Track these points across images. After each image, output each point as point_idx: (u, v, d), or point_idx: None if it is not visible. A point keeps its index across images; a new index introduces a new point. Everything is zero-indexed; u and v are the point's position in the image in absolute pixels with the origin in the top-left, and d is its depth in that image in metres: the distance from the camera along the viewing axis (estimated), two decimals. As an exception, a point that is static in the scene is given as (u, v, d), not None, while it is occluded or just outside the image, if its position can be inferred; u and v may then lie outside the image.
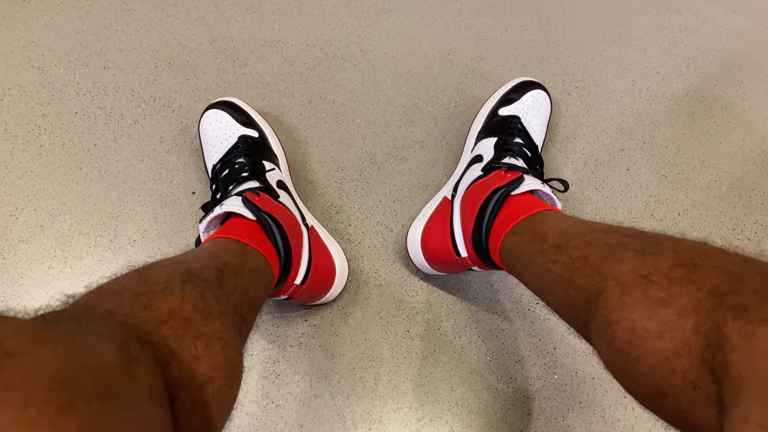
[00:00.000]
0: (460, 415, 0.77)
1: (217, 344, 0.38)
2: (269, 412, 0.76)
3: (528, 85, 0.83)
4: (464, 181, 0.74)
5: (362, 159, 0.88)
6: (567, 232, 0.50)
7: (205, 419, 0.36)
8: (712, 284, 0.34)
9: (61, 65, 0.89)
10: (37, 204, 0.82)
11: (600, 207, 0.87)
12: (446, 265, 0.73)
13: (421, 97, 0.92)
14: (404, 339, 0.79)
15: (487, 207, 0.61)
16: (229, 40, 0.93)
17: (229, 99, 0.81)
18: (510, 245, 0.57)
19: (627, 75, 0.96)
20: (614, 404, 0.78)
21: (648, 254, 0.40)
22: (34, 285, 0.78)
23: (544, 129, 0.83)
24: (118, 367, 0.27)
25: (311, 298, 0.74)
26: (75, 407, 0.23)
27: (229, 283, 0.47)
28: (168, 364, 0.34)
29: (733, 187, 0.90)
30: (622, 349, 0.37)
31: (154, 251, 0.81)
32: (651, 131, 0.92)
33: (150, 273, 0.42)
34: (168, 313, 0.37)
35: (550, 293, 0.49)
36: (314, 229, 0.77)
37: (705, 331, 0.32)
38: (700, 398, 0.32)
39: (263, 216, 0.60)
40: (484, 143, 0.77)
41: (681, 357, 0.33)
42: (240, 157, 0.74)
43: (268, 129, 0.82)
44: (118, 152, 0.85)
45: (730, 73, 0.97)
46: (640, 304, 0.37)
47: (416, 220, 0.80)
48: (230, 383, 0.39)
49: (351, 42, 0.95)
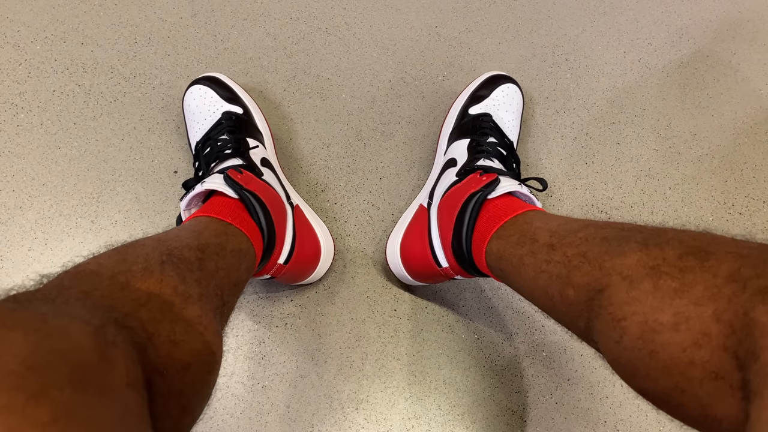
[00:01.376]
0: (447, 393, 0.76)
1: (196, 329, 0.37)
2: (255, 393, 0.75)
3: (497, 80, 0.80)
4: (439, 188, 0.72)
5: (348, 135, 0.86)
6: (558, 230, 0.49)
7: (182, 405, 0.35)
8: (729, 270, 0.32)
9: (37, 42, 0.87)
10: (16, 185, 0.80)
11: (590, 182, 0.86)
12: (427, 275, 0.71)
13: (408, 71, 0.90)
14: (391, 318, 0.79)
15: (465, 213, 0.59)
16: (211, 14, 0.91)
17: (213, 74, 0.79)
18: (496, 249, 0.55)
19: (618, 47, 0.94)
20: (602, 381, 0.77)
21: (652, 245, 0.38)
22: (14, 267, 0.77)
23: (517, 124, 0.80)
24: (93, 351, 0.26)
25: (296, 278, 0.73)
26: (48, 394, 0.22)
27: (210, 264, 0.46)
28: (146, 348, 0.33)
29: (724, 160, 0.89)
30: (633, 345, 0.35)
31: (136, 232, 0.80)
32: (642, 104, 0.91)
33: (129, 252, 0.40)
34: (147, 295, 0.36)
35: (546, 295, 0.47)
36: (299, 208, 0.75)
37: (728, 318, 0.31)
38: (721, 389, 0.31)
39: (245, 194, 0.58)
40: (456, 146, 0.75)
41: (700, 347, 0.32)
42: (223, 134, 0.72)
43: (253, 105, 0.80)
44: (98, 131, 0.83)
45: (723, 44, 0.95)
46: (651, 296, 0.35)
47: (393, 232, 0.78)
48: (208, 369, 0.38)
49: (336, 15, 0.92)
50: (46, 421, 0.21)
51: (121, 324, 0.32)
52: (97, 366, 0.26)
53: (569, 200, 0.85)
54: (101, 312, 0.32)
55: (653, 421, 0.76)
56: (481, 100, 0.79)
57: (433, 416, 0.75)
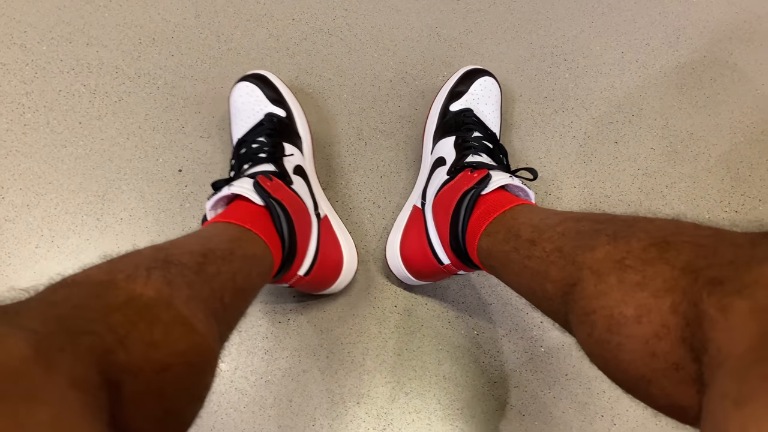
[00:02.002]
0: (447, 388, 0.78)
1: (179, 330, 0.37)
2: (258, 387, 0.76)
3: (474, 74, 0.80)
4: (431, 187, 0.73)
5: (349, 134, 0.87)
6: (539, 225, 0.49)
7: (165, 407, 0.35)
8: (685, 261, 0.33)
9: (44, 42, 0.88)
10: (23, 183, 0.82)
11: (588, 180, 0.87)
12: (430, 274, 0.72)
13: (409, 72, 0.91)
14: (392, 314, 0.80)
15: (460, 211, 0.60)
16: (214, 15, 0.92)
17: (262, 72, 0.80)
18: (485, 246, 0.56)
19: (616, 47, 0.95)
20: (600, 376, 0.78)
21: (620, 238, 0.39)
22: (22, 264, 0.78)
23: (498, 115, 0.81)
24: (26, 359, 0.27)
25: (315, 288, 0.73)
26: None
27: (211, 268, 0.46)
28: (112, 351, 0.33)
29: (721, 159, 0.90)
30: (602, 338, 0.36)
31: (140, 229, 0.81)
32: (640, 104, 0.92)
33: (120, 262, 0.41)
34: (124, 300, 0.36)
35: (529, 290, 0.48)
36: (327, 219, 0.76)
37: (683, 310, 0.31)
38: (683, 379, 0.31)
39: (271, 202, 0.58)
40: (443, 144, 0.76)
41: (661, 339, 0.32)
42: (262, 135, 0.73)
43: (297, 109, 0.80)
44: (103, 130, 0.85)
45: (719, 45, 0.96)
46: (616, 289, 0.36)
47: (391, 235, 0.79)
48: (195, 370, 0.38)
49: (337, 16, 0.94)
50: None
51: (81, 330, 0.32)
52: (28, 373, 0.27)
53: (568, 198, 0.86)
54: (56, 321, 0.32)
55: (650, 415, 0.77)
56: (461, 96, 0.79)
57: (433, 410, 0.77)
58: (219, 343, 0.43)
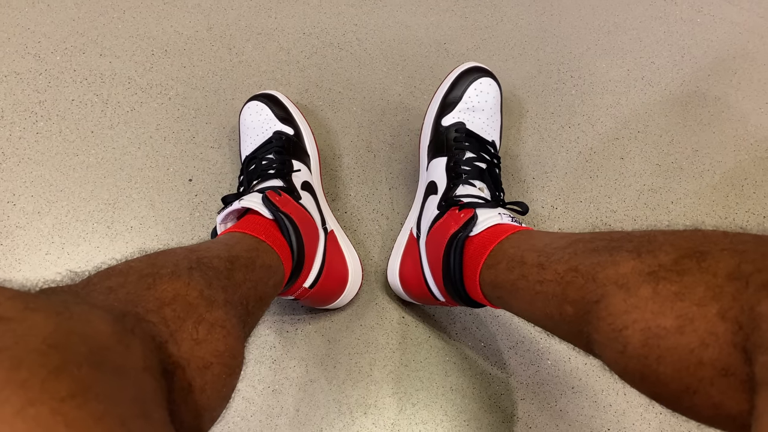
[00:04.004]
0: (454, 400, 0.78)
1: (219, 331, 0.39)
2: (266, 396, 0.76)
3: (468, 75, 0.75)
4: (424, 219, 0.72)
5: (358, 147, 0.88)
6: (545, 249, 0.48)
7: (203, 403, 0.36)
8: (728, 268, 0.33)
9: (57, 52, 0.89)
10: (35, 190, 0.82)
11: (594, 195, 0.88)
12: (429, 302, 0.73)
13: (417, 86, 0.92)
14: (399, 325, 0.80)
15: (450, 255, 0.60)
16: (226, 28, 0.93)
17: (272, 92, 0.81)
18: (489, 279, 0.54)
19: (622, 65, 0.97)
20: (606, 389, 0.79)
21: (645, 252, 0.38)
22: (32, 271, 0.79)
23: (497, 119, 0.77)
24: (111, 335, 0.28)
25: (319, 302, 0.74)
26: (66, 370, 0.23)
27: (239, 275, 0.47)
28: (166, 342, 0.34)
29: (725, 176, 0.91)
30: (637, 353, 0.35)
31: (150, 238, 0.81)
32: (645, 121, 0.93)
33: (159, 258, 0.42)
34: (172, 295, 0.38)
35: (545, 315, 0.47)
36: (333, 234, 0.77)
37: (733, 315, 0.31)
38: (732, 385, 0.31)
39: (280, 216, 0.60)
40: (435, 165, 0.74)
41: (708, 347, 0.32)
42: (270, 153, 0.74)
43: (305, 127, 0.82)
44: (115, 139, 0.85)
45: (724, 64, 0.98)
46: (651, 301, 0.35)
47: (391, 258, 0.80)
48: (230, 371, 0.39)
49: (347, 31, 0.95)
50: (64, 395, 0.22)
51: (142, 317, 0.34)
52: (114, 349, 0.28)
53: (574, 213, 0.87)
54: (123, 305, 0.34)
55: (656, 429, 0.77)
56: (453, 107, 0.75)
57: (440, 422, 0.77)
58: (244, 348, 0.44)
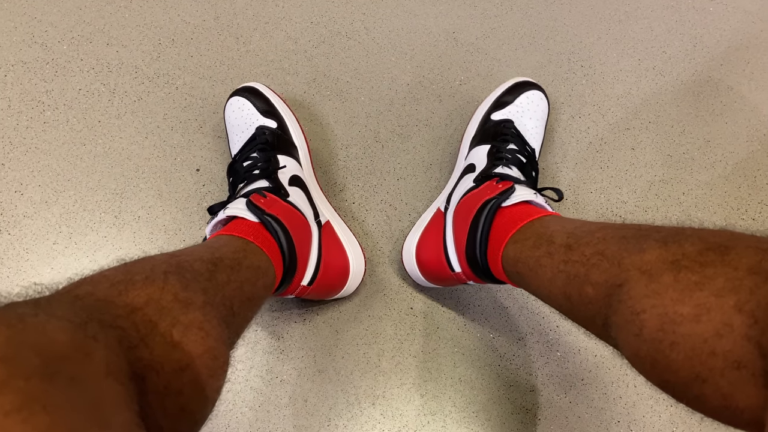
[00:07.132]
0: (462, 391, 0.77)
1: (196, 333, 0.38)
2: (274, 386, 0.76)
3: (523, 86, 0.79)
4: (456, 193, 0.72)
5: (366, 137, 0.88)
6: (575, 232, 0.49)
7: (181, 405, 0.36)
8: (750, 263, 0.33)
9: (64, 42, 0.89)
10: (42, 180, 0.82)
11: (604, 186, 0.87)
12: (440, 279, 0.72)
13: (426, 75, 0.92)
14: (407, 316, 0.80)
15: (479, 220, 0.60)
16: (233, 17, 0.93)
17: (252, 84, 0.80)
18: (513, 253, 0.55)
19: (633, 54, 0.95)
20: (616, 381, 0.78)
21: (671, 242, 0.39)
22: (40, 260, 0.79)
23: (541, 131, 0.80)
24: (68, 344, 0.28)
25: (323, 295, 0.73)
26: (10, 384, 0.23)
27: (222, 276, 0.47)
28: (136, 347, 0.34)
29: (737, 167, 0.90)
30: (652, 337, 0.36)
31: (158, 227, 0.81)
32: (656, 111, 0.92)
33: (135, 265, 0.42)
34: (144, 300, 0.37)
35: (564, 295, 0.47)
36: (329, 225, 0.75)
37: (750, 309, 0.31)
38: (743, 378, 0.31)
39: (266, 218, 0.59)
40: (477, 151, 0.75)
41: (722, 337, 0.32)
42: (254, 151, 0.72)
43: (290, 117, 0.80)
44: (122, 129, 0.85)
45: (737, 53, 0.97)
46: (671, 289, 0.35)
47: (411, 233, 0.79)
48: (210, 372, 0.39)
49: (355, 20, 0.94)
50: (8, 409, 0.22)
51: (108, 324, 0.33)
52: (71, 357, 0.27)
53: (584, 204, 0.86)
54: (88, 313, 0.33)
55: (666, 422, 0.77)
56: (505, 106, 0.79)
57: (448, 413, 0.76)
58: (228, 349, 0.44)
